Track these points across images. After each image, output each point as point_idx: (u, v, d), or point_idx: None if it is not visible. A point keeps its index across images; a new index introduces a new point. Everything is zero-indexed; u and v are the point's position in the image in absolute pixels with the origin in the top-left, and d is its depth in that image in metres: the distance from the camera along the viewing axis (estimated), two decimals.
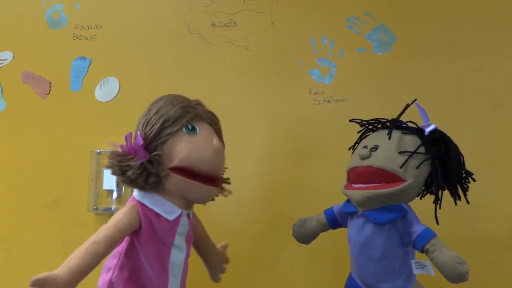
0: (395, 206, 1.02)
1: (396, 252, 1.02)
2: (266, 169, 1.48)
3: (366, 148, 1.05)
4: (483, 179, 1.39)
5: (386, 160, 1.01)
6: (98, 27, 1.57)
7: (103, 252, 0.88)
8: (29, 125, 1.56)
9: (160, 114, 0.96)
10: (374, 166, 1.01)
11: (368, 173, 1.02)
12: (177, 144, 0.95)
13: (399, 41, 1.47)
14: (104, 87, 1.54)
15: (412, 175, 1.00)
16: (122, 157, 0.93)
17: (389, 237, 1.01)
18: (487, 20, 1.45)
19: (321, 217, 1.18)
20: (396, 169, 0.99)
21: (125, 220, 0.92)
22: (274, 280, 1.44)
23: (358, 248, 1.06)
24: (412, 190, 1.02)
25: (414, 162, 1.01)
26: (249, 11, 1.53)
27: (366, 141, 1.10)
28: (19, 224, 1.53)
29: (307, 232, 1.18)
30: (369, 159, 1.03)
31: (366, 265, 1.04)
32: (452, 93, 1.44)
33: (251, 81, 1.51)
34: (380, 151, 1.03)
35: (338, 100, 1.47)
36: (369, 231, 1.03)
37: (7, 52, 1.59)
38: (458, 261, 0.91)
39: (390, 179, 1.00)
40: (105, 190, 1.49)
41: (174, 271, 0.99)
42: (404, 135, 1.05)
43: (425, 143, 1.03)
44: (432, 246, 0.95)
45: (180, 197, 0.99)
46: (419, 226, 1.00)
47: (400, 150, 1.01)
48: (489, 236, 1.37)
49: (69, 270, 0.81)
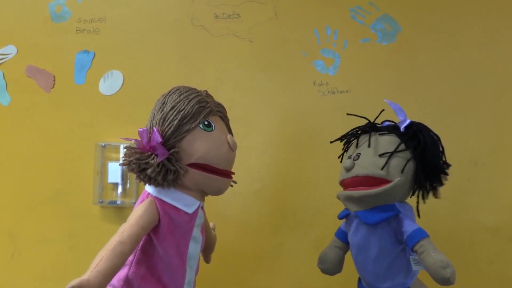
0: (387, 206, 1.02)
1: (392, 251, 1.02)
2: (269, 160, 1.48)
3: (350, 159, 1.07)
4: (487, 170, 1.40)
5: (369, 167, 1.02)
6: (101, 20, 1.57)
7: (129, 251, 0.88)
8: (34, 119, 1.56)
9: (177, 109, 0.96)
10: (359, 176, 1.03)
11: (356, 183, 1.04)
12: (195, 141, 0.96)
13: (404, 31, 1.46)
14: (108, 80, 1.55)
15: (397, 174, 1.01)
16: (140, 154, 0.92)
17: (384, 237, 1.02)
18: (492, 10, 1.44)
19: (335, 242, 1.17)
20: (379, 173, 1.00)
21: (146, 217, 0.92)
22: (277, 271, 1.45)
23: (355, 249, 1.07)
24: (401, 188, 1.02)
25: (396, 161, 1.01)
26: (253, 3, 1.52)
27: (350, 151, 1.12)
28: (24, 217, 1.54)
29: (333, 263, 1.16)
30: (353, 169, 1.04)
31: (365, 265, 1.05)
32: (456, 83, 1.43)
33: (254, 73, 1.51)
34: (361, 158, 1.04)
35: (342, 91, 1.47)
36: (363, 232, 1.04)
37: (11, 46, 1.60)
38: (442, 265, 0.90)
39: (377, 183, 1.01)
40: (110, 183, 1.50)
41: (191, 263, 1.00)
42: (381, 136, 1.06)
43: (404, 140, 1.03)
44: (420, 248, 0.95)
45: (197, 190, 0.99)
46: (410, 226, 0.99)
47: (379, 153, 1.02)
48: (492, 226, 1.37)
49: (99, 273, 0.81)
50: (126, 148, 0.95)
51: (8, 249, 1.53)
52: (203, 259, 1.21)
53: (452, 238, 1.36)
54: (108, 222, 1.51)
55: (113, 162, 1.49)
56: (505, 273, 1.36)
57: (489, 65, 1.43)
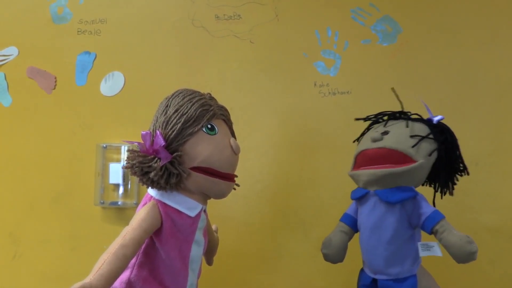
0: (406, 187, 1.03)
1: (405, 234, 1.03)
2: (270, 161, 1.48)
3: (377, 132, 1.07)
4: (488, 170, 1.40)
5: (398, 142, 1.03)
6: (103, 22, 1.57)
7: (131, 255, 0.87)
8: (35, 120, 1.57)
9: (180, 113, 0.95)
10: (386, 148, 1.03)
11: (380, 155, 1.04)
12: (198, 145, 0.95)
13: (404, 32, 1.46)
14: (109, 81, 1.55)
15: (423, 157, 1.02)
16: (143, 157, 0.92)
17: (399, 219, 1.02)
18: (492, 11, 1.44)
19: (341, 226, 1.15)
20: (408, 150, 1.01)
21: (148, 220, 0.91)
22: (279, 272, 1.45)
23: (369, 231, 1.06)
24: (422, 172, 1.04)
25: (425, 146, 1.03)
26: (253, 4, 1.52)
27: (375, 128, 1.12)
28: (26, 218, 1.54)
29: (338, 249, 1.13)
30: (381, 141, 1.04)
31: (376, 248, 1.04)
32: (458, 83, 1.44)
33: (255, 74, 1.51)
34: (391, 134, 1.05)
35: (343, 92, 1.47)
36: (381, 211, 1.04)
37: (13, 47, 1.60)
38: (468, 240, 0.94)
39: (401, 160, 1.01)
40: (112, 184, 1.50)
41: (193, 266, 1.00)
42: (414, 122, 1.08)
43: (433, 131, 1.05)
44: (441, 227, 0.97)
45: (200, 193, 0.99)
46: (428, 208, 1.01)
47: (411, 134, 1.03)
48: (493, 226, 1.38)
49: (102, 277, 0.81)
50: (129, 151, 0.94)
51: (10, 250, 1.53)
52: (205, 262, 1.21)
53: None
54: (110, 223, 1.51)
55: (114, 163, 1.50)
56: (506, 273, 1.36)
57: (489, 66, 1.43)
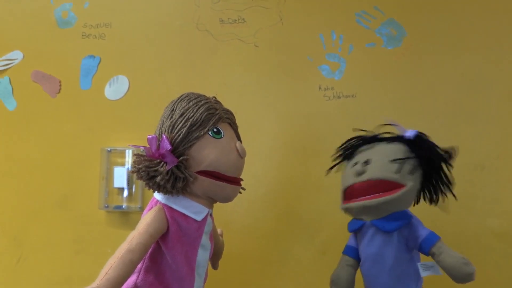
0: (400, 213, 1.02)
1: (405, 259, 1.02)
2: (275, 165, 1.48)
3: (358, 164, 1.06)
4: (493, 174, 1.39)
5: (382, 171, 1.02)
6: (107, 26, 1.57)
7: (138, 260, 0.87)
8: (40, 124, 1.57)
9: (186, 117, 0.95)
10: (372, 180, 1.03)
11: (367, 187, 1.03)
12: (204, 149, 0.95)
13: (409, 35, 1.46)
14: (114, 85, 1.55)
15: (410, 179, 1.02)
16: (149, 162, 0.92)
17: (398, 245, 1.02)
18: (498, 15, 1.44)
19: (346, 260, 1.13)
20: (393, 176, 1.01)
21: (155, 224, 0.91)
22: (284, 277, 1.44)
23: (370, 261, 1.05)
24: (412, 193, 1.04)
25: (408, 167, 1.02)
26: (258, 7, 1.52)
27: (354, 159, 1.11)
28: (30, 222, 1.54)
29: (348, 283, 1.11)
30: (364, 174, 1.04)
31: (379, 277, 1.03)
32: (463, 87, 1.43)
33: (260, 78, 1.51)
34: (373, 163, 1.04)
35: (348, 95, 1.47)
36: (379, 241, 1.03)
37: (17, 51, 1.60)
38: (464, 262, 0.93)
39: (389, 188, 1.01)
40: (116, 188, 1.50)
41: (199, 270, 0.99)
42: (389, 144, 1.07)
43: (412, 148, 1.04)
44: (438, 249, 0.97)
45: (206, 197, 0.99)
46: (424, 230, 1.01)
47: (391, 158, 1.03)
48: (498, 231, 1.37)
49: (108, 282, 0.81)
50: (135, 155, 0.95)
51: (14, 254, 1.53)
52: (211, 266, 1.20)
53: (458, 242, 1.35)
54: (114, 227, 1.50)
55: (118, 167, 1.50)
56: (511, 278, 1.36)
57: (495, 70, 1.42)
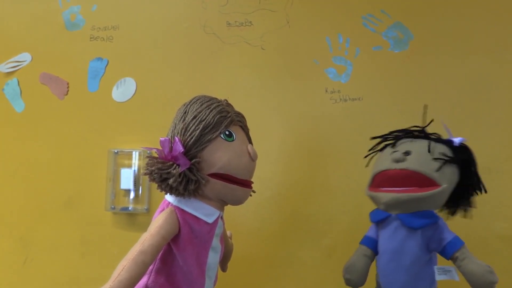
0: (428, 212, 1.01)
1: (424, 259, 1.01)
2: (281, 168, 1.48)
3: (398, 152, 1.05)
4: (501, 177, 1.38)
5: (422, 164, 1.01)
6: (115, 28, 1.58)
7: (150, 261, 0.88)
8: (48, 126, 1.58)
9: (199, 119, 0.95)
10: (409, 169, 1.01)
11: (402, 176, 1.01)
12: (216, 151, 0.95)
13: (416, 38, 1.46)
14: (121, 87, 1.56)
15: (446, 181, 1.00)
16: (162, 164, 0.92)
17: (420, 243, 1.01)
18: (504, 16, 1.44)
19: (364, 250, 1.11)
20: (432, 174, 0.99)
21: (167, 226, 0.92)
22: (289, 279, 1.44)
23: (388, 255, 1.04)
24: (444, 197, 1.02)
25: (448, 170, 1.01)
26: (265, 11, 1.53)
27: (395, 147, 1.09)
28: (37, 223, 1.55)
29: (362, 274, 1.09)
30: (403, 162, 1.02)
31: (396, 273, 1.03)
32: (470, 90, 1.43)
33: (266, 81, 1.51)
34: (414, 155, 1.03)
35: (354, 98, 1.47)
36: (402, 236, 1.02)
37: (26, 53, 1.62)
38: (489, 270, 0.94)
39: (424, 183, 1.00)
40: (123, 190, 1.50)
41: (210, 273, 1.00)
42: (435, 143, 1.05)
43: (456, 155, 1.04)
44: (462, 254, 0.97)
45: (218, 200, 0.99)
46: (449, 233, 1.00)
47: (434, 156, 1.02)
48: (506, 235, 1.36)
49: (121, 283, 0.81)
50: (148, 157, 0.95)
51: (21, 255, 1.54)
52: (220, 268, 1.20)
53: None
54: (120, 228, 1.51)
55: (125, 169, 1.50)
56: None
57: (501, 73, 1.42)
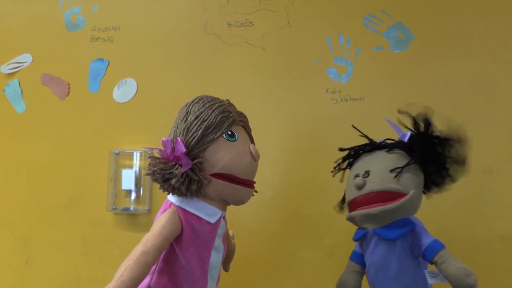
0: (404, 221, 1.02)
1: (410, 266, 1.02)
2: (282, 168, 1.48)
3: (359, 177, 1.06)
4: (502, 178, 1.38)
5: (383, 182, 1.02)
6: (116, 29, 1.58)
7: (153, 262, 0.88)
8: (49, 126, 1.58)
9: (201, 119, 0.96)
10: (373, 192, 1.02)
11: (370, 199, 1.03)
12: (219, 151, 0.96)
13: (417, 39, 1.46)
14: (122, 88, 1.56)
15: (411, 187, 1.01)
16: (164, 164, 0.92)
17: (402, 252, 1.01)
18: (505, 17, 1.43)
19: (352, 266, 1.13)
20: (394, 186, 1.01)
21: (169, 227, 0.92)
22: (290, 279, 1.44)
23: (374, 269, 1.05)
24: (416, 201, 1.04)
25: (407, 175, 1.02)
26: (265, 11, 1.53)
27: (355, 170, 1.11)
28: (38, 224, 1.55)
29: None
30: (365, 186, 1.04)
31: (383, 285, 1.04)
32: (470, 90, 1.43)
33: (267, 81, 1.51)
34: (373, 174, 1.04)
35: (355, 99, 1.47)
36: (382, 249, 1.03)
37: (27, 54, 1.62)
38: (466, 273, 0.91)
39: (392, 197, 1.01)
40: (124, 190, 1.51)
41: (212, 273, 1.00)
42: (388, 153, 1.07)
43: (409, 153, 1.05)
44: (440, 258, 0.96)
45: (220, 200, 0.99)
46: (427, 238, 1.00)
47: (390, 168, 1.03)
48: (508, 235, 1.36)
49: (124, 284, 0.82)
50: (150, 157, 0.95)
51: (22, 256, 1.54)
52: (222, 268, 1.20)
53: (467, 247, 1.34)
54: (121, 229, 1.51)
55: (126, 169, 1.50)
56: None
57: (502, 73, 1.42)
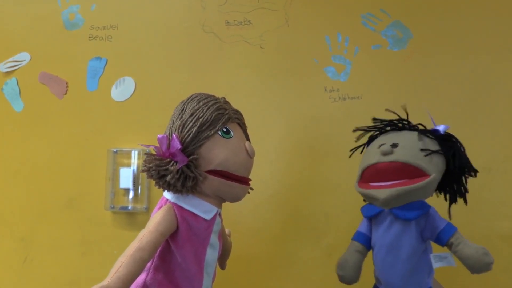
0: (420, 202, 1.02)
1: (420, 249, 1.02)
2: (281, 167, 1.48)
3: (386, 144, 1.04)
4: (501, 177, 1.38)
5: (410, 155, 1.01)
6: (114, 28, 1.58)
7: (148, 258, 0.88)
8: (47, 125, 1.58)
9: (196, 116, 0.96)
10: (399, 161, 1.01)
11: (392, 169, 1.01)
12: (214, 148, 0.96)
13: (415, 37, 1.46)
14: (120, 87, 1.56)
15: (435, 170, 1.00)
16: (160, 161, 0.93)
17: (415, 234, 1.01)
18: (504, 16, 1.44)
19: (356, 246, 1.11)
20: (421, 164, 0.99)
21: (165, 223, 0.92)
22: (290, 278, 1.44)
23: (385, 250, 1.04)
24: (434, 185, 1.03)
25: (436, 159, 1.01)
26: (264, 9, 1.53)
27: (380, 141, 1.09)
28: (37, 223, 1.55)
29: (355, 270, 1.09)
30: (392, 154, 1.02)
31: (394, 267, 1.02)
32: (469, 89, 1.43)
33: (266, 80, 1.51)
34: (402, 147, 1.03)
35: (353, 97, 1.47)
36: (397, 229, 1.02)
37: (25, 53, 1.61)
38: (484, 252, 0.95)
39: (414, 174, 1.00)
40: (122, 189, 1.50)
41: (208, 270, 1.00)
42: (421, 135, 1.05)
43: (442, 144, 1.04)
44: (456, 240, 0.98)
45: (215, 197, 1.00)
46: (442, 221, 1.01)
47: (421, 147, 1.02)
48: (506, 234, 1.36)
49: (119, 280, 0.81)
50: (145, 154, 0.95)
51: (21, 255, 1.54)
52: (219, 266, 1.21)
53: None
54: (120, 227, 1.51)
55: (124, 168, 1.50)
56: None
57: (501, 72, 1.42)
